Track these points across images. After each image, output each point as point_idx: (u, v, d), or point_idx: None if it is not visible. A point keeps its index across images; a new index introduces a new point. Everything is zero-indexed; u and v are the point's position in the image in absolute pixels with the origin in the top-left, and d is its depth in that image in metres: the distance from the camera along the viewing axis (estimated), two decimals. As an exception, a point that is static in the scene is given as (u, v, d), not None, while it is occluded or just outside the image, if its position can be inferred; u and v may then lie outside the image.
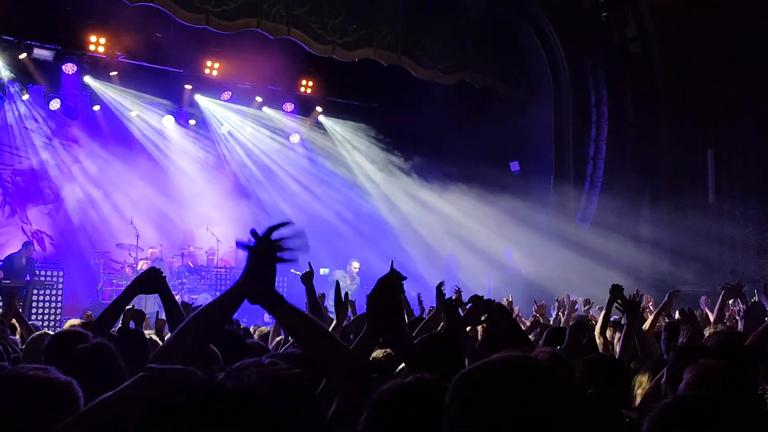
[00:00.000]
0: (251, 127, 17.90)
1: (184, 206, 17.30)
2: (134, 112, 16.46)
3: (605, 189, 17.40)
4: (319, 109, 17.95)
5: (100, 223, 16.30)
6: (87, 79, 15.26)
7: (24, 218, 15.81)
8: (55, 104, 15.21)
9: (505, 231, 16.83)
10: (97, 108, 15.91)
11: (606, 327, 5.94)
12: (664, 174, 17.94)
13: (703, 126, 17.30)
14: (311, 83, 17.23)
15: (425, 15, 16.58)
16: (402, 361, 2.49)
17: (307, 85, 17.24)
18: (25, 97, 15.20)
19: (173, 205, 17.21)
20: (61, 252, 15.76)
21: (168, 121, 16.65)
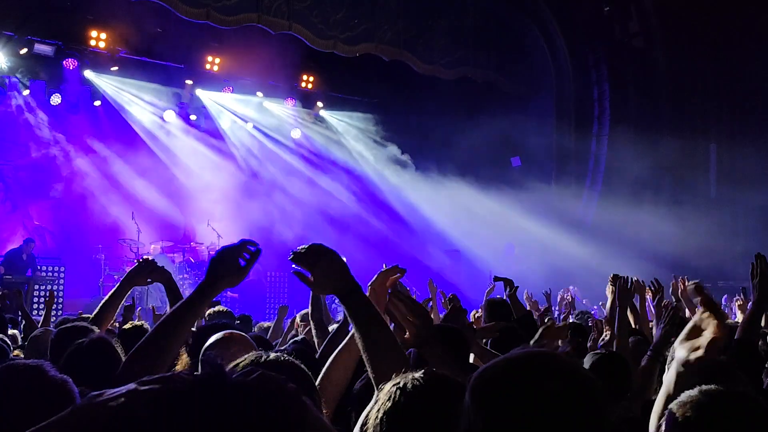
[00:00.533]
0: (252, 122, 17.89)
1: (185, 201, 17.29)
2: (135, 107, 16.44)
3: (607, 184, 17.37)
4: (320, 104, 17.93)
5: (102, 219, 16.29)
6: (88, 74, 15.26)
7: (25, 213, 15.81)
8: (56, 99, 15.20)
9: (507, 226, 16.81)
10: (98, 103, 15.92)
11: (614, 317, 5.90)
12: (665, 169, 17.91)
13: (706, 120, 17.27)
14: (312, 78, 17.21)
15: (426, 10, 16.56)
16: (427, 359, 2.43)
17: (308, 80, 17.22)
18: (26, 92, 15.18)
19: (174, 200, 17.20)
20: (63, 247, 15.75)
21: (169, 116, 16.64)
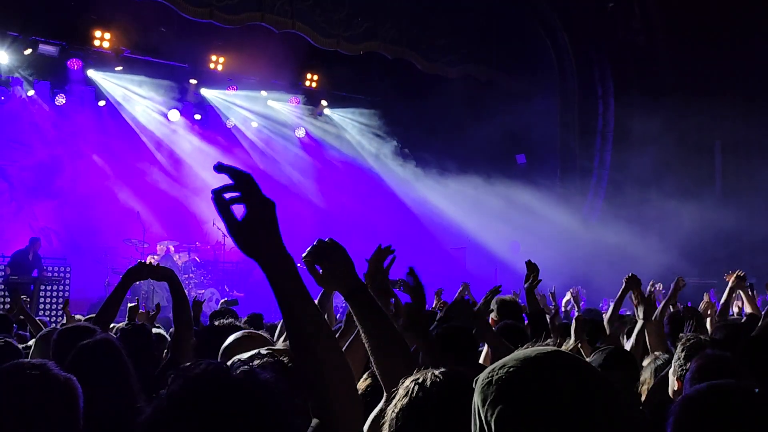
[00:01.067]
0: (256, 121, 17.91)
1: (190, 201, 17.32)
2: (139, 107, 16.48)
3: (612, 181, 17.33)
4: (325, 102, 17.94)
5: (107, 218, 16.33)
6: (92, 74, 15.29)
7: (31, 214, 15.85)
8: (61, 99, 15.24)
9: (512, 224, 16.80)
10: (102, 103, 15.96)
11: (616, 316, 5.88)
12: (671, 166, 17.86)
13: (711, 118, 17.21)
14: (316, 77, 17.21)
15: (430, 8, 16.54)
16: (419, 346, 2.46)
17: (312, 79, 17.22)
18: (31, 92, 15.22)
19: (179, 200, 17.24)
20: (68, 247, 15.79)
21: (173, 116, 16.67)
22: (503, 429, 1.31)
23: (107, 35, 14.50)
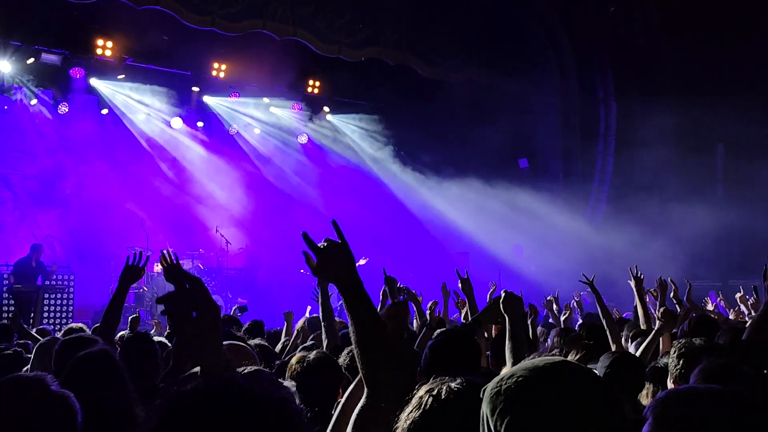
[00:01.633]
0: (258, 127, 17.93)
1: (193, 208, 17.35)
2: (142, 115, 16.52)
3: (614, 184, 17.31)
4: (327, 108, 17.96)
5: (110, 226, 16.35)
6: (95, 82, 15.34)
7: (34, 222, 15.88)
8: (64, 108, 15.28)
9: (515, 228, 16.78)
10: (105, 111, 15.99)
11: (648, 316, 5.93)
12: (673, 168, 17.83)
13: (712, 119, 17.18)
14: (318, 83, 17.24)
15: (430, 13, 16.55)
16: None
17: (314, 85, 17.25)
18: (34, 101, 15.27)
19: (182, 207, 17.26)
20: (72, 256, 15.81)
21: (176, 123, 16.71)
22: None
23: (109, 44, 14.55)
